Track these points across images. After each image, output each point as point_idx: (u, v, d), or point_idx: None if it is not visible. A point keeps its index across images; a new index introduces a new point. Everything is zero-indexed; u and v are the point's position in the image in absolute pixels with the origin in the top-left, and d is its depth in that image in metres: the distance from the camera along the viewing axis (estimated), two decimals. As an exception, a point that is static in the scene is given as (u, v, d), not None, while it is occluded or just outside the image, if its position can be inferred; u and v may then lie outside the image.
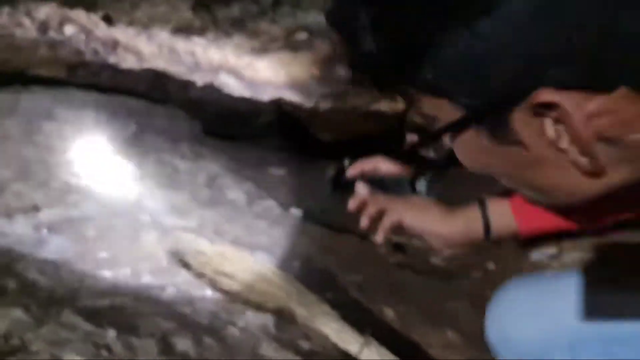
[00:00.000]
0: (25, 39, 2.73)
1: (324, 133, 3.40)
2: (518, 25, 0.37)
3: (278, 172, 4.42)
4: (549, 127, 0.41)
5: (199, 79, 2.88)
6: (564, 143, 0.41)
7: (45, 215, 1.83)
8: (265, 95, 2.84)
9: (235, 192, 2.91)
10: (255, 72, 2.27)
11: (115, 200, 2.24)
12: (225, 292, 1.70)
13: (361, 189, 0.85)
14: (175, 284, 1.58)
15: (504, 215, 0.83)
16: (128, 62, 3.02)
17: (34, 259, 1.45)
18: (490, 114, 0.43)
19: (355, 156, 0.74)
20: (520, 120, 0.42)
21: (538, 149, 0.44)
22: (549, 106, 0.39)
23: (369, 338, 1.61)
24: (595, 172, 0.43)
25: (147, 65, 2.90)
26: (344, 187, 0.87)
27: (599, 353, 0.81)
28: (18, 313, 1.17)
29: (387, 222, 0.87)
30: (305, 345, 1.51)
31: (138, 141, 2.97)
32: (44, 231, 1.73)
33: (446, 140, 0.50)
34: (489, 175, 0.54)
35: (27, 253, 1.50)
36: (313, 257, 2.35)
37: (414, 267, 2.42)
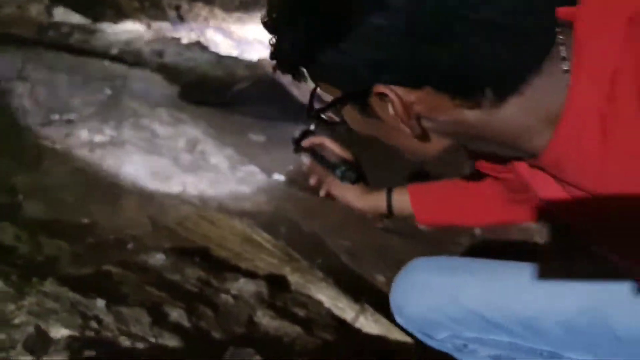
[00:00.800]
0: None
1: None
2: (371, 42, 0.56)
3: (258, 138, 4.34)
4: (389, 108, 0.60)
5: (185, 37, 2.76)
6: (398, 119, 0.60)
7: (19, 180, 1.73)
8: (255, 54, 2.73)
9: (217, 157, 2.82)
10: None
11: (92, 165, 2.13)
12: (215, 259, 1.64)
13: (304, 159, 1.06)
14: (162, 250, 1.50)
15: (403, 202, 1.06)
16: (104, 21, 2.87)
17: (9, 224, 1.36)
18: (354, 98, 0.63)
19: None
20: (375, 102, 0.61)
21: (389, 122, 0.62)
22: (385, 95, 0.58)
23: (364, 305, 1.57)
24: (422, 139, 0.65)
25: (124, 22, 2.77)
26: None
27: (479, 330, 0.96)
28: (-3, 283, 1.09)
29: (322, 191, 1.08)
30: (300, 312, 1.45)
31: (114, 105, 2.85)
32: (20, 197, 1.63)
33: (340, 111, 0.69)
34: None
35: (2, 219, 1.41)
36: (299, 223, 2.30)
37: (400, 231, 2.38)
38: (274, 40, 0.65)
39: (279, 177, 3.05)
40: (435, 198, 1.09)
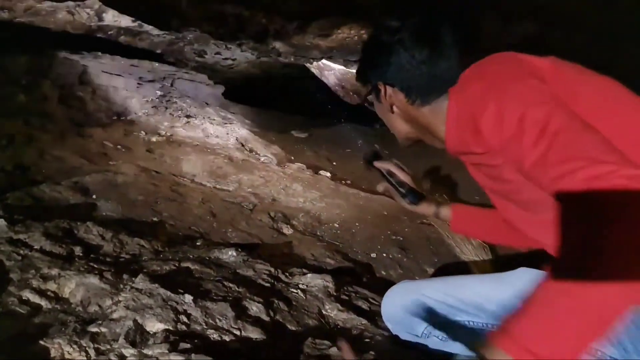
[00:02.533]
0: (44, 6, 2.65)
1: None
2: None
3: (300, 135, 4.39)
4: (382, 97, 1.07)
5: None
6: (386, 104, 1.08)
7: (90, 180, 1.81)
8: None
9: (265, 155, 2.87)
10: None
11: (153, 164, 2.21)
12: (279, 255, 1.69)
13: (380, 180, 1.35)
14: (232, 247, 1.56)
15: (446, 214, 1.36)
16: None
17: (93, 224, 1.43)
18: (371, 91, 1.09)
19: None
20: (379, 93, 1.07)
21: (384, 105, 1.09)
22: (379, 89, 1.06)
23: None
24: (396, 121, 1.12)
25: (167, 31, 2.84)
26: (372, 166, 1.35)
27: (445, 315, 1.23)
28: (93, 280, 1.16)
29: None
30: (364, 305, 1.50)
31: (166, 105, 2.93)
32: (93, 196, 1.71)
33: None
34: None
35: (82, 218, 1.48)
36: (350, 217, 2.35)
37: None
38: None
39: (325, 173, 3.10)
40: (469, 216, 1.39)
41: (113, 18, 3.24)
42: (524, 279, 1.16)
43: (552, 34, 1.91)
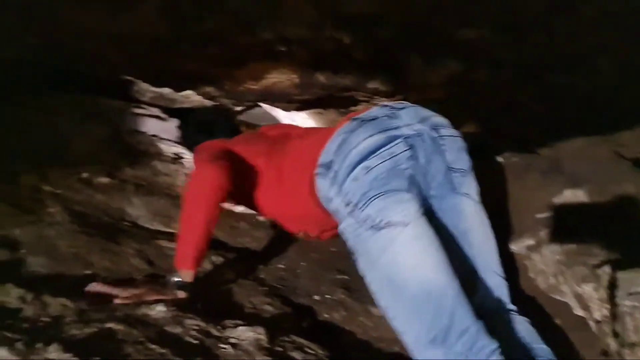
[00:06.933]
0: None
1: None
2: None
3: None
4: None
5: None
6: None
7: (19, 233, 1.77)
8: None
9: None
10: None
11: (91, 209, 2.18)
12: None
13: None
14: (161, 301, 1.54)
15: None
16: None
17: (10, 286, 1.39)
18: None
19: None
20: None
21: None
22: None
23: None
24: None
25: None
26: None
27: None
28: (1, 352, 1.12)
29: None
30: (299, 357, 1.49)
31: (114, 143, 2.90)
32: (22, 251, 1.67)
33: None
34: None
35: (5, 280, 1.45)
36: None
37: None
38: None
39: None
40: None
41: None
42: None
43: (476, 72, 1.96)
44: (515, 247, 2.25)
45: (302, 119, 3.40)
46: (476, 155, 1.74)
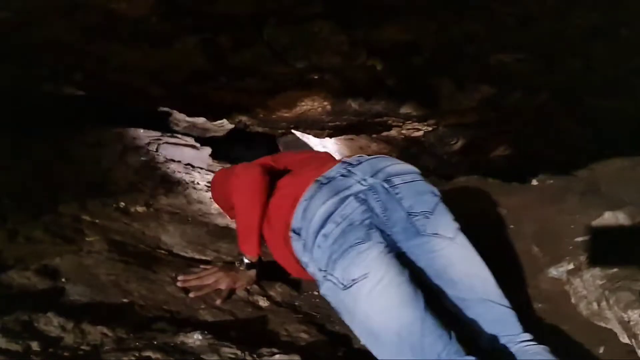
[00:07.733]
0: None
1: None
2: None
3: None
4: None
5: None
6: None
7: (59, 262, 1.81)
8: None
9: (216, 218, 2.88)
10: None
11: (129, 237, 2.21)
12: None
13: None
14: (197, 329, 1.54)
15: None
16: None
17: (52, 314, 1.42)
18: None
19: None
20: None
21: None
22: None
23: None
24: None
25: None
26: None
27: None
28: None
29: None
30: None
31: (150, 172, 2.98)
32: (62, 279, 1.70)
33: None
34: None
35: (47, 306, 1.47)
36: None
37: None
38: None
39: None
40: None
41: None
42: None
43: (511, 96, 1.95)
44: (554, 272, 2.19)
45: (333, 146, 3.42)
46: (509, 179, 1.72)
